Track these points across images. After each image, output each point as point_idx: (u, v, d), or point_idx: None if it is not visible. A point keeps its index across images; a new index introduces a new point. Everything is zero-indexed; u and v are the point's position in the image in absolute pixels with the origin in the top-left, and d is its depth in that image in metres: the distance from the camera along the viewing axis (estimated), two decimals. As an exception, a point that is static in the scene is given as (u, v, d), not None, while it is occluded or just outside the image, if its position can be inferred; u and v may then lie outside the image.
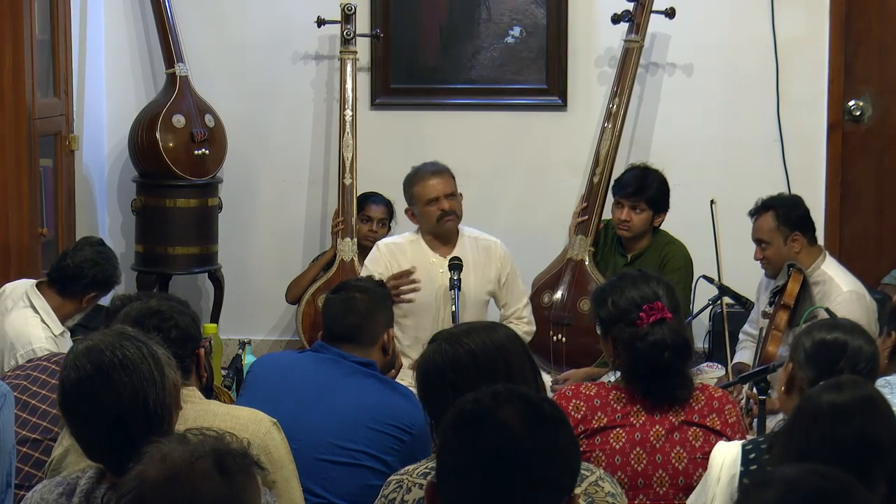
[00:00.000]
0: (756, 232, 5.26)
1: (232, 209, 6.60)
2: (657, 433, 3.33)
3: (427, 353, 2.96)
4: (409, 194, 5.39)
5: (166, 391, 2.63)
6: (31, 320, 4.68)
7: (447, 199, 5.30)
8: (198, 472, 2.11)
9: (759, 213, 5.26)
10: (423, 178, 5.35)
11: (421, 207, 5.33)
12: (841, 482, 2.01)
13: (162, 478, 2.12)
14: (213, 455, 2.14)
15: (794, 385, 3.20)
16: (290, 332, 6.69)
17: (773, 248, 5.18)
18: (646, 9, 6.17)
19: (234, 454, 2.17)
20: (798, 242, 5.16)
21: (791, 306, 4.93)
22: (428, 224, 5.34)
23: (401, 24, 6.57)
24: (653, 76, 6.54)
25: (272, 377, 3.79)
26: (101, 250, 4.89)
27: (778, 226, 5.17)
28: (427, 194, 5.31)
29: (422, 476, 2.80)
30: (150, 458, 2.15)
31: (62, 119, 5.95)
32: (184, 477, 2.11)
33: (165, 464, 2.13)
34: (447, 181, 5.35)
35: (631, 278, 3.46)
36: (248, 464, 2.18)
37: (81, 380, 2.60)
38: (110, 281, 4.85)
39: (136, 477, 2.14)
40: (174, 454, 2.14)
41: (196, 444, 2.17)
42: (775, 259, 5.17)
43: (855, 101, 6.47)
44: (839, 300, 4.96)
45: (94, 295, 4.80)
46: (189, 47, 6.45)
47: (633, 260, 5.74)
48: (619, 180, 5.79)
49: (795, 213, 5.23)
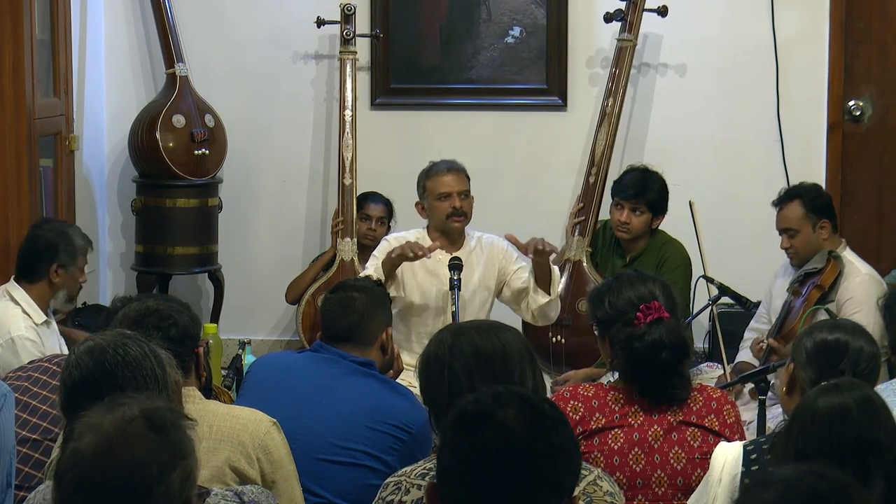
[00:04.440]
0: (783, 221, 5.25)
1: (232, 209, 6.60)
2: (655, 433, 3.34)
3: (430, 346, 2.98)
4: (422, 187, 5.37)
5: (169, 389, 2.64)
6: (10, 311, 4.74)
7: (459, 197, 5.29)
8: (132, 435, 2.10)
9: (785, 202, 5.26)
10: (438, 172, 5.34)
11: (432, 201, 5.31)
12: (840, 483, 2.02)
13: (98, 449, 2.09)
14: (143, 416, 2.13)
15: (796, 386, 3.20)
16: (290, 332, 6.69)
17: (802, 235, 5.19)
18: (638, 7, 6.17)
19: (162, 411, 2.17)
20: (826, 229, 5.20)
21: (824, 290, 4.98)
22: (437, 219, 5.32)
23: (401, 24, 6.57)
24: (650, 75, 6.54)
25: (272, 377, 3.80)
26: (43, 226, 4.94)
27: (806, 213, 5.19)
28: (440, 188, 5.30)
29: (420, 477, 2.80)
30: (80, 433, 2.12)
31: (62, 119, 5.95)
32: (119, 443, 2.09)
33: (98, 434, 2.11)
34: (462, 180, 5.34)
35: (627, 278, 3.47)
36: (177, 417, 2.18)
37: (85, 378, 2.60)
38: (59, 248, 4.82)
39: (72, 454, 2.11)
40: (105, 423, 2.12)
41: (123, 408, 2.14)
42: (803, 248, 5.18)
43: (855, 101, 6.47)
44: (858, 280, 5.04)
45: (57, 266, 4.79)
46: (189, 47, 6.45)
47: (631, 261, 5.74)
48: (620, 182, 5.78)
49: (822, 201, 5.27)
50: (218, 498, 2.61)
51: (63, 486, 2.11)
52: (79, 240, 4.90)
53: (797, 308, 5.02)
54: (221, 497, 2.62)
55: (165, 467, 2.09)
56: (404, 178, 5.81)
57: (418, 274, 5.28)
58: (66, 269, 4.81)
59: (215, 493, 2.63)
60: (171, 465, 2.10)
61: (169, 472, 2.09)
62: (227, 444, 3.18)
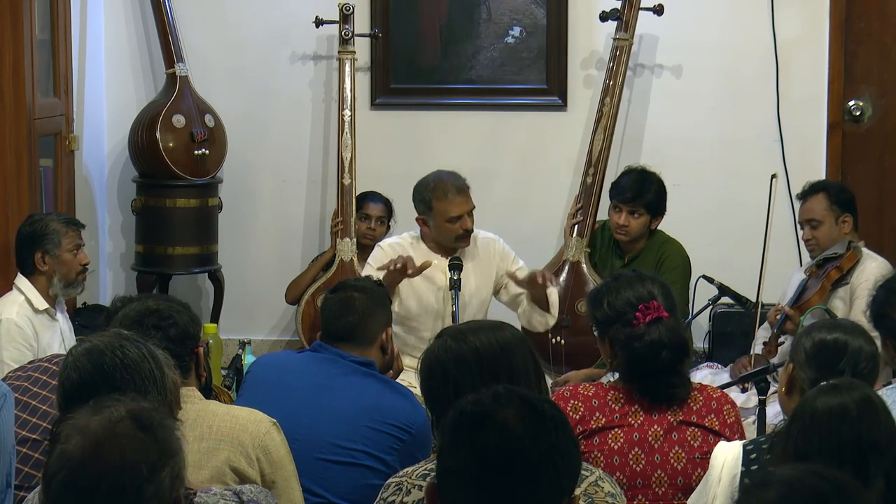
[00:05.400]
0: (807, 213, 5.37)
1: (232, 209, 6.60)
2: (655, 433, 3.34)
3: (431, 347, 2.97)
4: (428, 206, 5.25)
5: (167, 390, 2.64)
6: (10, 297, 4.83)
7: (469, 217, 5.25)
8: (121, 435, 2.10)
9: (810, 194, 5.39)
10: (446, 193, 5.22)
11: (441, 222, 5.22)
12: (841, 483, 2.02)
13: (87, 450, 2.08)
14: (130, 415, 2.13)
15: (795, 386, 3.20)
16: (289, 332, 6.69)
17: (825, 227, 5.31)
18: (634, 6, 6.17)
19: (148, 410, 2.17)
20: (848, 224, 5.33)
21: (842, 273, 5.13)
22: (444, 239, 5.26)
23: (400, 24, 6.57)
24: (649, 75, 6.54)
25: (271, 377, 3.79)
26: (25, 221, 4.98)
27: (830, 205, 5.32)
28: (451, 212, 5.21)
29: (421, 478, 2.80)
30: (68, 435, 2.11)
31: (62, 119, 5.96)
32: (108, 444, 2.09)
33: (87, 436, 2.10)
34: (469, 199, 5.26)
35: (626, 279, 3.47)
36: (163, 416, 2.18)
37: (83, 380, 2.60)
38: (36, 236, 4.83)
39: (60, 456, 2.10)
40: (92, 425, 2.11)
41: (109, 409, 2.14)
42: (825, 239, 5.30)
43: (855, 101, 6.47)
44: (873, 265, 5.15)
45: (42, 255, 4.82)
46: (189, 47, 6.45)
47: (630, 261, 5.74)
48: (617, 184, 5.78)
49: (846, 196, 5.40)
50: (217, 497, 2.60)
51: (52, 489, 2.10)
52: (54, 223, 4.89)
53: (815, 284, 5.16)
54: (220, 496, 2.61)
55: (155, 466, 2.09)
56: (404, 178, 5.81)
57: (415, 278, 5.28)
58: (51, 254, 4.84)
59: (214, 492, 2.63)
60: (160, 463, 2.10)
61: (158, 470, 2.09)
62: (226, 445, 3.18)
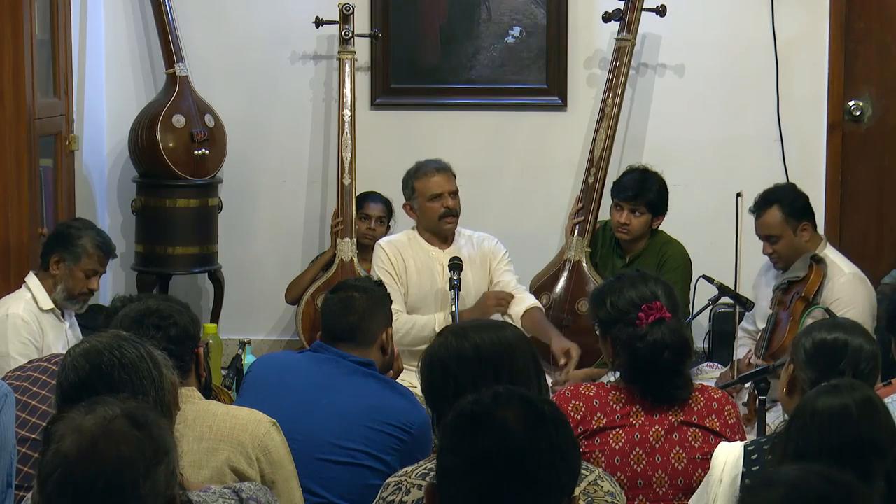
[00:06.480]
0: (763, 228, 5.22)
1: (232, 209, 6.60)
2: (656, 433, 3.33)
3: (433, 344, 2.97)
4: (410, 188, 5.41)
5: (165, 391, 2.64)
6: (17, 294, 4.84)
7: (450, 197, 5.33)
8: (116, 433, 2.10)
9: (763, 209, 5.22)
10: (427, 173, 5.39)
11: (423, 202, 5.35)
12: (843, 483, 2.01)
13: (82, 448, 2.08)
14: (124, 413, 2.13)
15: (796, 386, 3.19)
16: (289, 333, 6.69)
17: (785, 241, 5.17)
18: (637, 7, 6.17)
19: (142, 408, 2.17)
20: (807, 231, 5.18)
21: (808, 300, 4.95)
22: (428, 221, 5.35)
23: (400, 24, 6.57)
24: (650, 75, 6.54)
25: (271, 377, 3.79)
26: (67, 221, 5.09)
27: (786, 218, 5.17)
28: (431, 190, 5.34)
29: (420, 477, 2.80)
30: (62, 435, 2.11)
31: (62, 119, 5.95)
32: (104, 442, 2.09)
33: (82, 434, 2.10)
34: (451, 179, 5.41)
35: (629, 279, 3.47)
36: (155, 414, 2.19)
37: (81, 380, 2.60)
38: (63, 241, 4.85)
39: (55, 455, 2.10)
40: (87, 423, 2.11)
41: (103, 408, 2.14)
42: (787, 252, 5.17)
43: (855, 101, 6.46)
44: (842, 281, 5.02)
45: (57, 259, 4.81)
46: (189, 47, 6.45)
47: (631, 261, 5.74)
48: (619, 183, 5.78)
49: (799, 203, 5.23)
50: (216, 496, 2.60)
51: (48, 488, 2.10)
52: (88, 243, 4.85)
53: (784, 322, 4.99)
54: (219, 495, 2.61)
55: (151, 462, 2.10)
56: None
57: (413, 277, 5.29)
58: (66, 264, 4.81)
59: (213, 490, 2.63)
60: (155, 460, 2.10)
61: (154, 467, 2.10)
62: (226, 445, 3.18)
